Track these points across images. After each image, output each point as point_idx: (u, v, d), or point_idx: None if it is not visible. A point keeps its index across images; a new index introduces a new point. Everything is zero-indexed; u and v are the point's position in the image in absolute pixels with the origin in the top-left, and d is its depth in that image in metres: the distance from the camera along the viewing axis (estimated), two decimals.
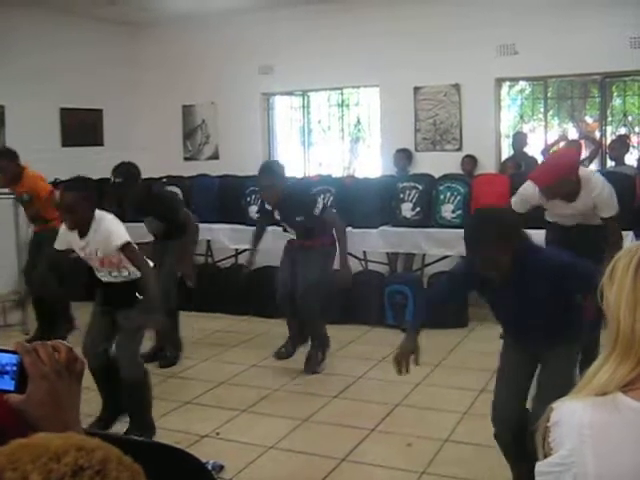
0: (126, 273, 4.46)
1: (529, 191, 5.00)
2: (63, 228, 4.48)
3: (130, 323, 4.41)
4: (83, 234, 4.35)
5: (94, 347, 4.52)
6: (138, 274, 4.43)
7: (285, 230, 5.95)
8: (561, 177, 4.74)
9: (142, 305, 4.42)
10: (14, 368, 1.21)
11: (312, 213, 5.65)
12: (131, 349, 4.45)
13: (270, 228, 6.31)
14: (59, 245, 4.54)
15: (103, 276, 4.51)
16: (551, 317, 3.24)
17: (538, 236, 5.16)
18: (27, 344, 1.23)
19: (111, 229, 4.32)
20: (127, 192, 5.87)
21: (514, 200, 5.15)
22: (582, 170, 4.92)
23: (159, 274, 5.64)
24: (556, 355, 3.30)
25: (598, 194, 4.82)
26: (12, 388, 1.20)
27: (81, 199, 4.23)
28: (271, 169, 5.79)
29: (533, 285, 3.15)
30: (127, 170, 5.87)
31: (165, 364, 6.10)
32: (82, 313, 6.43)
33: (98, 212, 4.37)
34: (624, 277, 1.33)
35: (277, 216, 5.83)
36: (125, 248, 4.30)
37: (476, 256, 3.15)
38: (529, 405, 3.43)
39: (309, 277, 5.71)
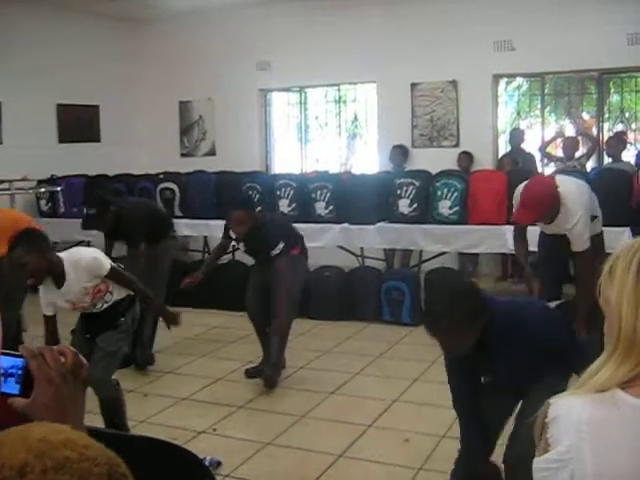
0: (110, 298, 4.36)
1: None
2: (41, 290, 4.27)
3: (110, 345, 4.32)
4: (60, 284, 4.18)
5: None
6: (120, 296, 4.36)
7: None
8: (543, 214, 4.73)
9: (129, 325, 4.41)
10: (19, 372, 1.21)
11: (269, 252, 5.47)
12: (106, 371, 4.30)
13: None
14: (48, 311, 4.30)
15: (89, 311, 4.40)
16: (534, 373, 3.01)
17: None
18: (33, 348, 1.22)
19: (91, 260, 4.21)
20: (101, 223, 5.96)
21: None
22: (564, 189, 4.73)
23: (150, 277, 5.60)
24: (539, 388, 2.92)
25: (571, 229, 4.73)
26: (17, 392, 1.20)
27: (29, 252, 3.98)
28: (241, 202, 5.80)
29: (508, 352, 2.93)
30: (97, 201, 5.98)
31: (143, 364, 6.01)
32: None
33: (64, 255, 4.21)
34: (625, 276, 1.31)
35: (241, 248, 5.77)
36: (111, 274, 4.23)
37: (436, 337, 2.89)
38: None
39: (281, 285, 5.43)
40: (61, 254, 4.21)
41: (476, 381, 3.19)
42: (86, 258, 4.21)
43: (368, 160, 10.33)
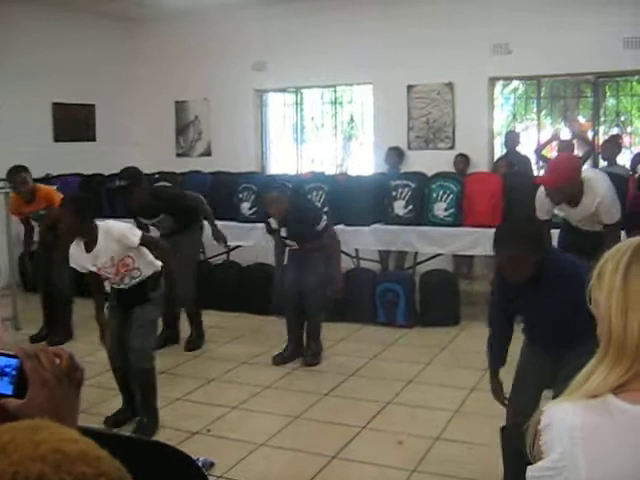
0: (138, 274, 4.58)
1: (541, 197, 5.02)
2: (71, 250, 4.53)
3: (145, 316, 4.57)
4: (90, 247, 4.43)
5: (120, 347, 4.64)
6: (149, 272, 4.60)
7: (285, 244, 6.00)
8: (569, 179, 4.74)
9: (160, 295, 4.66)
10: (13, 372, 1.20)
11: (315, 229, 5.75)
12: (144, 341, 4.57)
13: (261, 225, 6.32)
14: (75, 265, 4.62)
15: (116, 285, 4.60)
16: (571, 323, 3.24)
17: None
18: (28, 349, 1.21)
19: (123, 232, 4.44)
20: (132, 196, 5.93)
21: (537, 211, 5.17)
22: (586, 174, 4.88)
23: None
24: (577, 354, 3.27)
25: (600, 202, 4.78)
26: (10, 392, 1.19)
27: (70, 212, 4.36)
28: (274, 185, 6.04)
29: (556, 292, 3.20)
30: (131, 173, 5.95)
31: (192, 347, 6.39)
32: (81, 308, 6.42)
33: (100, 222, 4.46)
34: (613, 278, 1.30)
35: (283, 234, 5.87)
36: (143, 240, 4.48)
37: (502, 261, 3.23)
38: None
39: (314, 279, 5.82)
40: (98, 222, 4.46)
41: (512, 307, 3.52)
42: (119, 228, 4.48)
43: (364, 161, 10.33)
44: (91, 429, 0.89)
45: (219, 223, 6.69)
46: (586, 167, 5.22)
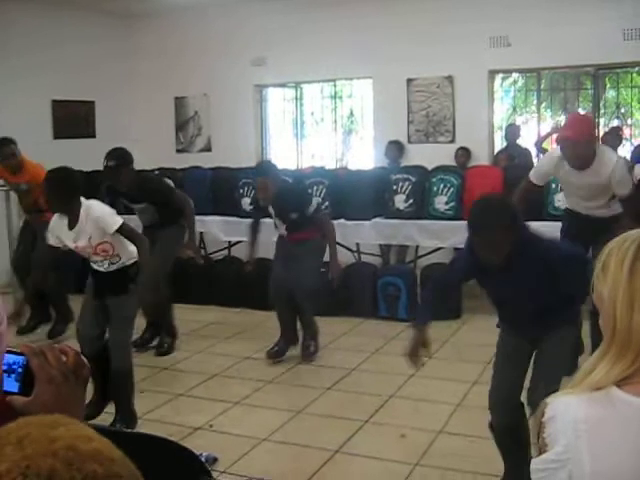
0: (118, 260, 4.51)
1: (550, 160, 5.02)
2: (53, 221, 4.49)
3: (123, 311, 4.49)
4: (72, 225, 4.37)
5: (88, 333, 4.59)
6: (129, 261, 4.51)
7: (276, 226, 5.97)
8: (591, 134, 4.77)
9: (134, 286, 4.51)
10: (19, 369, 1.20)
11: (305, 212, 5.71)
12: (124, 339, 4.54)
13: (262, 221, 6.31)
14: (51, 241, 4.52)
15: (96, 265, 4.53)
16: (548, 302, 3.29)
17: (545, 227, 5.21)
18: (35, 346, 1.21)
19: (102, 214, 4.38)
20: (120, 177, 5.76)
21: (533, 171, 5.18)
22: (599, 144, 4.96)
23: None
24: (553, 338, 3.35)
25: (613, 169, 4.74)
26: (16, 390, 1.19)
27: (55, 185, 4.35)
28: (263, 168, 5.97)
29: (531, 272, 3.19)
30: (120, 155, 5.80)
31: (161, 352, 6.18)
32: (75, 304, 6.43)
33: (85, 201, 4.39)
34: (619, 272, 1.29)
35: (271, 210, 5.84)
36: (121, 229, 4.37)
37: (478, 240, 3.19)
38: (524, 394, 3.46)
39: (305, 271, 5.74)
40: (84, 200, 4.38)
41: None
42: (100, 210, 4.40)
43: (364, 156, 10.32)
44: (95, 426, 0.89)
45: (220, 218, 6.67)
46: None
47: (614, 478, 1.22)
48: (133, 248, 4.52)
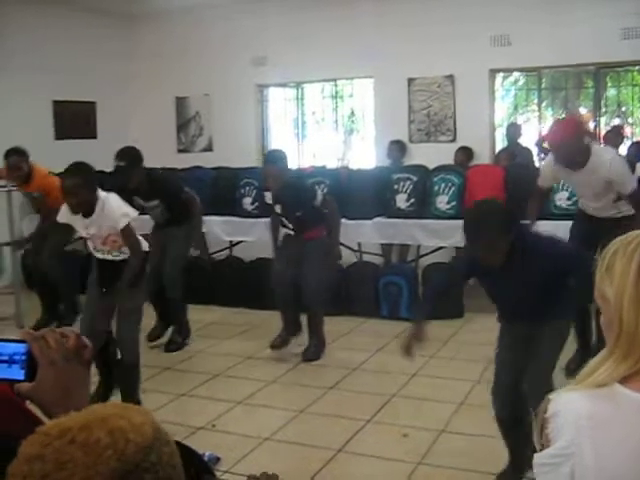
0: (126, 251, 4.56)
1: (548, 163, 5.06)
2: (64, 206, 4.56)
3: (130, 302, 4.52)
4: (88, 214, 4.45)
5: (92, 326, 4.60)
6: None
7: (284, 225, 5.98)
8: (571, 134, 4.74)
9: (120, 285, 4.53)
10: (23, 357, 1.21)
11: (312, 206, 5.72)
12: (132, 330, 4.58)
13: (263, 220, 6.33)
14: (61, 218, 4.63)
15: (101, 254, 4.58)
16: (545, 296, 3.33)
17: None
18: (35, 332, 1.22)
19: (112, 209, 4.44)
20: (130, 175, 5.81)
21: (540, 177, 5.24)
22: (594, 145, 4.92)
23: (164, 262, 5.79)
24: (549, 329, 3.43)
25: (609, 168, 4.72)
26: (22, 377, 1.20)
27: (81, 183, 4.34)
28: (274, 156, 5.99)
29: (531, 270, 3.24)
30: (130, 154, 5.87)
31: (170, 350, 6.25)
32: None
33: (102, 193, 4.47)
34: (625, 274, 1.28)
35: (278, 210, 5.85)
36: (124, 227, 4.43)
37: (475, 245, 3.24)
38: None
39: (314, 270, 5.76)
40: (101, 192, 4.47)
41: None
42: (113, 205, 4.47)
43: (365, 155, 10.32)
44: None
45: (221, 218, 6.68)
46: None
47: (617, 474, 1.22)
48: (143, 242, 4.58)
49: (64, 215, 4.61)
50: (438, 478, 3.90)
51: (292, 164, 10.13)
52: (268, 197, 5.90)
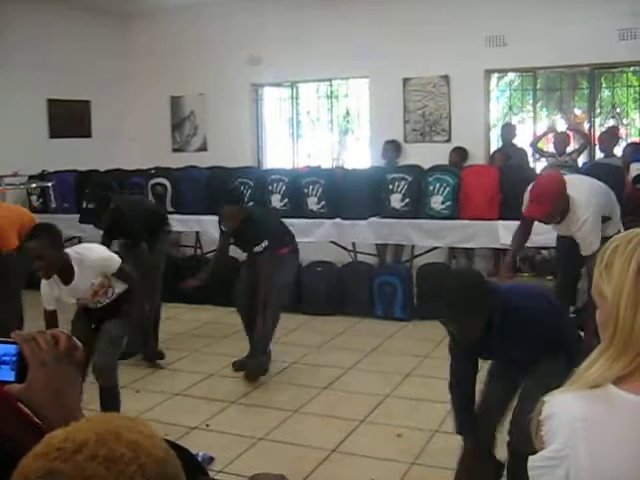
0: (111, 292, 4.42)
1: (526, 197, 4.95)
2: (44, 285, 4.28)
3: (114, 331, 4.38)
4: (67, 280, 4.22)
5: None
6: (120, 290, 4.42)
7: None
8: (550, 211, 4.69)
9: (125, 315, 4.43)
10: (13, 358, 1.20)
11: (270, 237, 5.52)
12: (112, 359, 4.40)
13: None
14: (49, 305, 4.32)
15: (94, 304, 4.43)
16: (531, 356, 3.22)
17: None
18: (26, 333, 1.22)
19: (100, 259, 4.29)
20: (98, 218, 5.82)
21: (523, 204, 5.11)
22: (572, 191, 4.73)
23: (147, 274, 5.62)
24: (540, 370, 3.19)
25: (577, 229, 4.70)
26: (12, 379, 1.20)
27: (47, 244, 4.07)
28: (234, 196, 5.85)
29: (511, 336, 3.13)
30: (98, 196, 5.89)
31: (149, 358, 6.03)
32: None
33: (72, 251, 4.25)
34: (624, 273, 1.28)
35: (231, 240, 5.74)
36: (118, 272, 4.32)
37: (450, 328, 3.26)
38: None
39: (282, 276, 5.59)
40: (68, 250, 4.25)
41: (475, 365, 3.51)
42: (96, 255, 4.29)
43: (360, 155, 10.32)
44: None
45: (215, 218, 6.60)
46: (577, 177, 5.18)
47: (612, 475, 1.22)
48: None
49: (48, 298, 4.29)
50: (432, 478, 3.90)
51: (287, 164, 10.18)
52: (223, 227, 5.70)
